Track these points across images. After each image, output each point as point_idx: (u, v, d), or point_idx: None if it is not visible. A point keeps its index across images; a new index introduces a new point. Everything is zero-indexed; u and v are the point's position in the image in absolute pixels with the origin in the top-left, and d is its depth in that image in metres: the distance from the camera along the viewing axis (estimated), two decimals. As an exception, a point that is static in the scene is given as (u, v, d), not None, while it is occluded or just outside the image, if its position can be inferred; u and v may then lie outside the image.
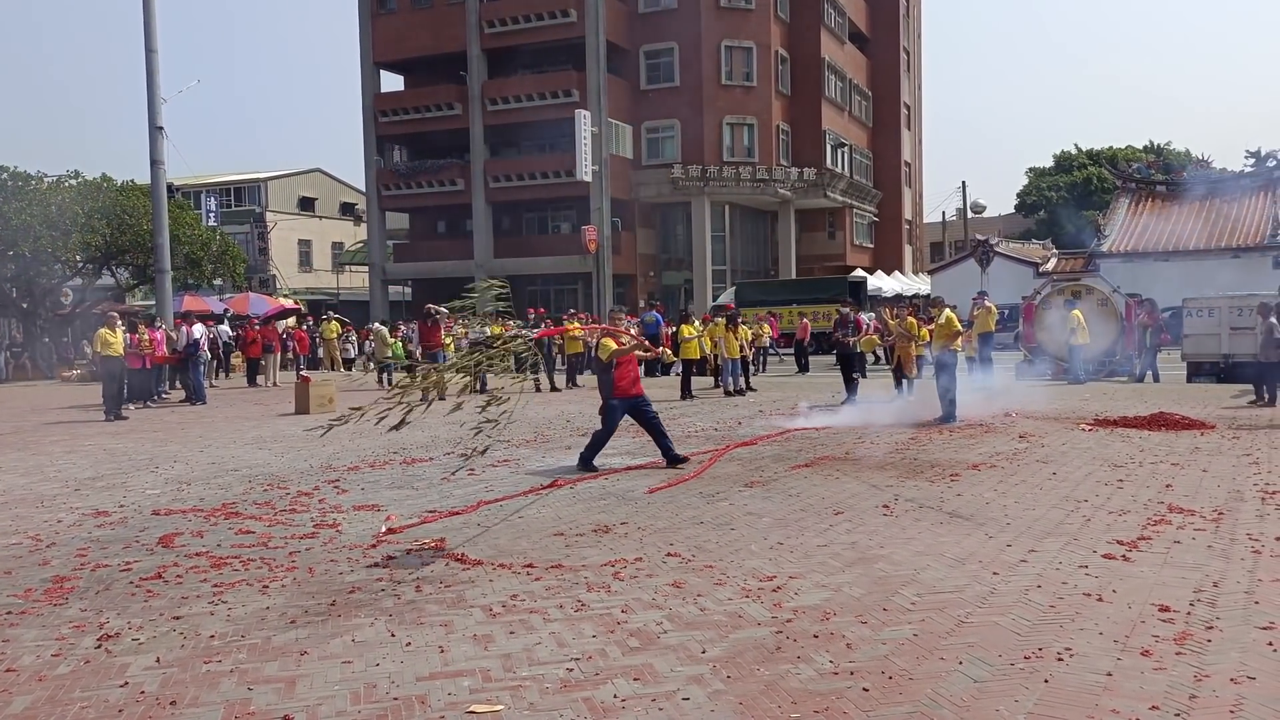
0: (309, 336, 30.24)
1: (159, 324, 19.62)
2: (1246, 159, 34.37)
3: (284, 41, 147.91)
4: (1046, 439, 10.68)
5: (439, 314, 18.64)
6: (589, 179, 37.90)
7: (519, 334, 8.21)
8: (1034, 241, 46.40)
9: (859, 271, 42.20)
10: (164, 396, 19.28)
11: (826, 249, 48.22)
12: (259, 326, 24.33)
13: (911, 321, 14.70)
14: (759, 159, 42.25)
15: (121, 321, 17.07)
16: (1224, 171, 35.09)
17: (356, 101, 45.32)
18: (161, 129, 22.63)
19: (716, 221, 42.23)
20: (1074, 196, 57.18)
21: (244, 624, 4.72)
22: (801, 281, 40.00)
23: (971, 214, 50.65)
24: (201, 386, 18.97)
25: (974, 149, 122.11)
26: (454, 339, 20.10)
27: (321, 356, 29.84)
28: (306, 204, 57.37)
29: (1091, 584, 5.06)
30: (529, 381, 7.74)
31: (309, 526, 6.93)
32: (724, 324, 18.02)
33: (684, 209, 42.32)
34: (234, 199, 54.98)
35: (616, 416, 9.27)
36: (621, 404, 9.22)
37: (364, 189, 47.39)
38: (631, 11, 42.25)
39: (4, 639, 4.60)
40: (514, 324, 11.43)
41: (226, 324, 27.75)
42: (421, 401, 6.62)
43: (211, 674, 4.07)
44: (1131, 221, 34.22)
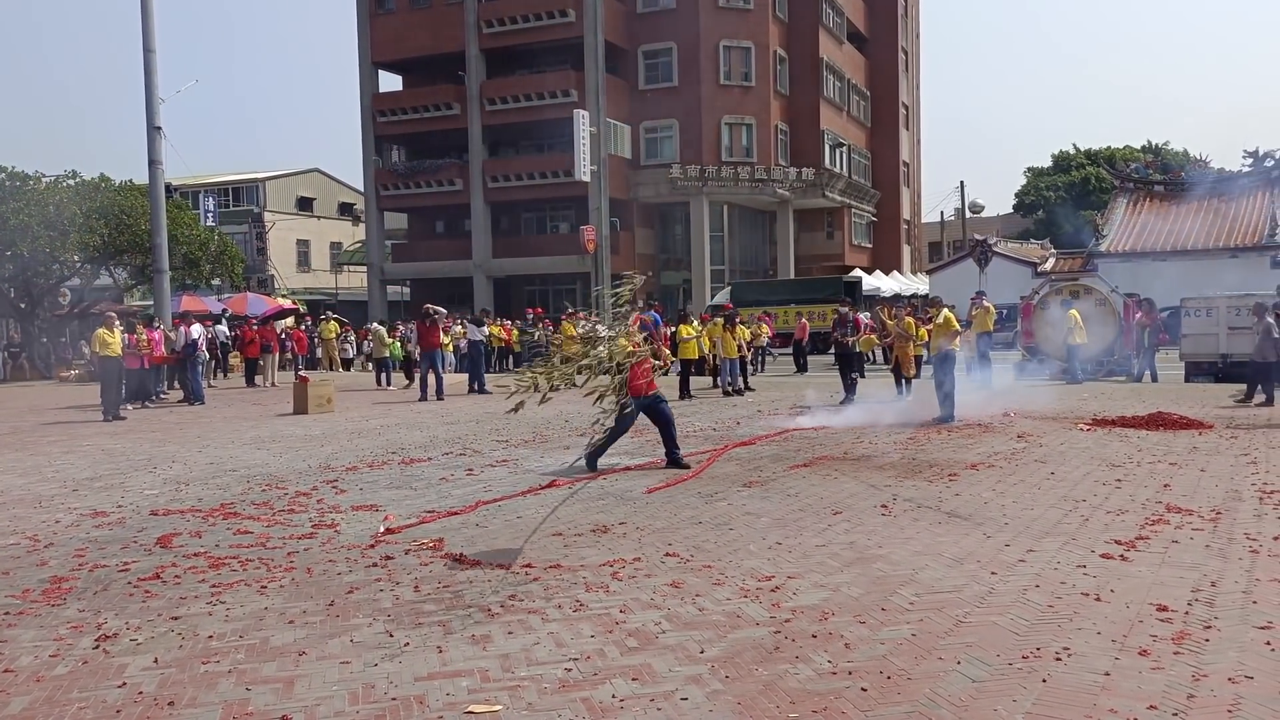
0: (307, 336, 30.25)
1: (157, 324, 19.61)
2: (1244, 159, 34.44)
3: (282, 41, 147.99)
4: (1045, 439, 10.68)
5: (437, 314, 18.64)
6: (587, 179, 37.81)
7: (635, 343, 8.92)
8: (1032, 241, 46.43)
9: (857, 271, 42.23)
10: (162, 397, 19.27)
11: (825, 249, 48.23)
12: (257, 327, 24.32)
13: (909, 321, 14.72)
14: (757, 159, 42.28)
15: (120, 322, 17.07)
16: (1222, 171, 35.11)
17: (355, 101, 45.31)
18: (159, 129, 22.61)
19: (715, 221, 42.23)
20: (1072, 196, 57.20)
21: (242, 624, 4.72)
22: (797, 281, 40.04)
23: (970, 214, 50.68)
24: (200, 387, 18.96)
25: (972, 149, 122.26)
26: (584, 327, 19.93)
27: (320, 356, 29.84)
28: (305, 204, 57.37)
29: (1089, 584, 5.07)
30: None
31: (307, 527, 6.93)
32: (722, 324, 18.02)
33: (682, 209, 42.33)
34: (232, 199, 54.98)
35: (632, 416, 9.24)
36: (637, 403, 9.21)
37: (362, 189, 47.42)
38: (630, 11, 42.26)
39: (2, 639, 4.59)
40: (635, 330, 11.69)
41: (225, 324, 27.72)
42: (550, 390, 7.42)
43: (210, 674, 4.07)
44: (1130, 221, 34.25)
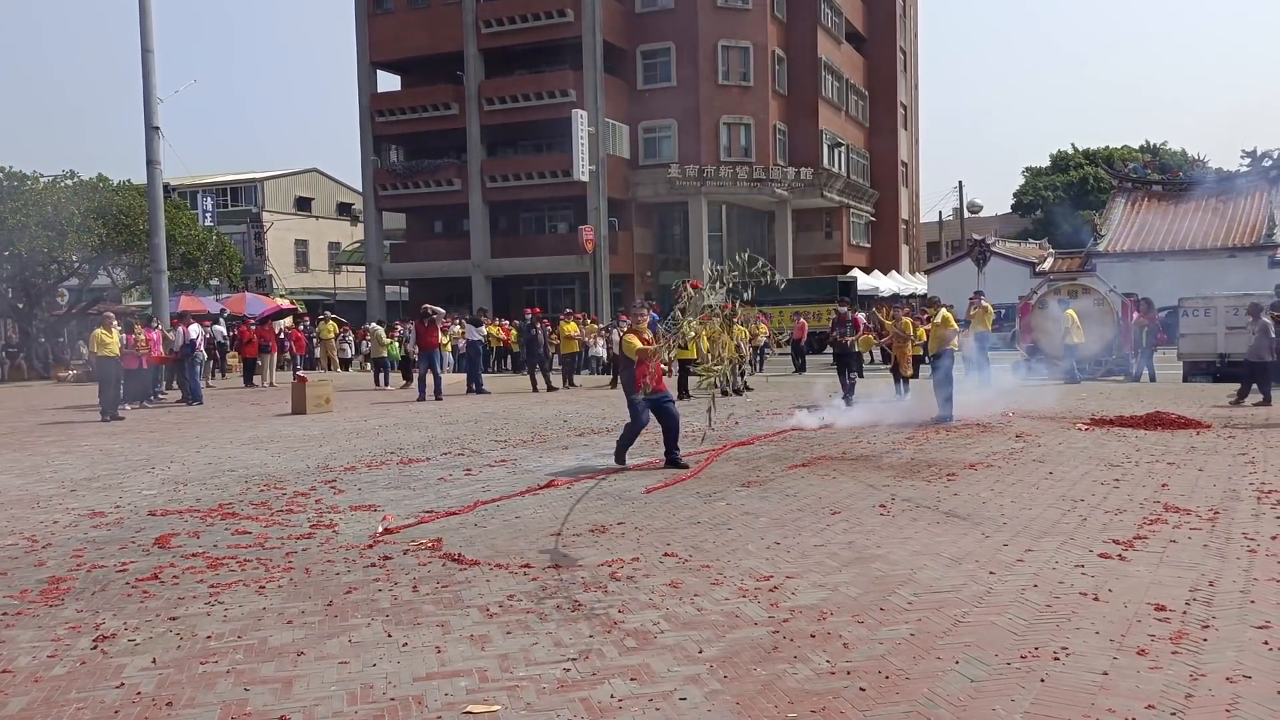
0: (306, 337, 30.23)
1: (155, 324, 19.61)
2: (1243, 158, 34.49)
3: (280, 41, 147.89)
4: (1043, 438, 10.69)
5: (436, 314, 18.65)
6: (586, 179, 37.94)
7: (646, 339, 9.29)
8: (1031, 241, 46.44)
9: (855, 271, 42.26)
10: (160, 397, 19.26)
11: (824, 249, 48.24)
12: (255, 327, 24.30)
13: (907, 322, 14.72)
14: (756, 159, 42.29)
15: (118, 322, 17.05)
16: (1220, 171, 35.15)
17: (353, 101, 45.32)
18: (158, 129, 22.60)
19: (713, 221, 42.22)
20: (1070, 196, 57.21)
21: (240, 624, 4.72)
22: (792, 281, 40.02)
23: (968, 214, 50.75)
24: (198, 387, 18.95)
25: (970, 149, 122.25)
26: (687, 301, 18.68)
27: (318, 356, 29.83)
28: (303, 204, 57.35)
29: (1088, 583, 5.07)
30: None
31: (306, 527, 6.93)
32: (718, 324, 17.97)
33: (681, 209, 42.33)
34: (230, 199, 54.95)
35: (640, 410, 9.35)
36: (645, 400, 9.31)
37: (361, 189, 47.41)
38: (628, 11, 42.26)
39: (0, 640, 4.59)
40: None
41: (222, 324, 27.71)
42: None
43: (208, 675, 4.07)
44: (1128, 221, 34.30)
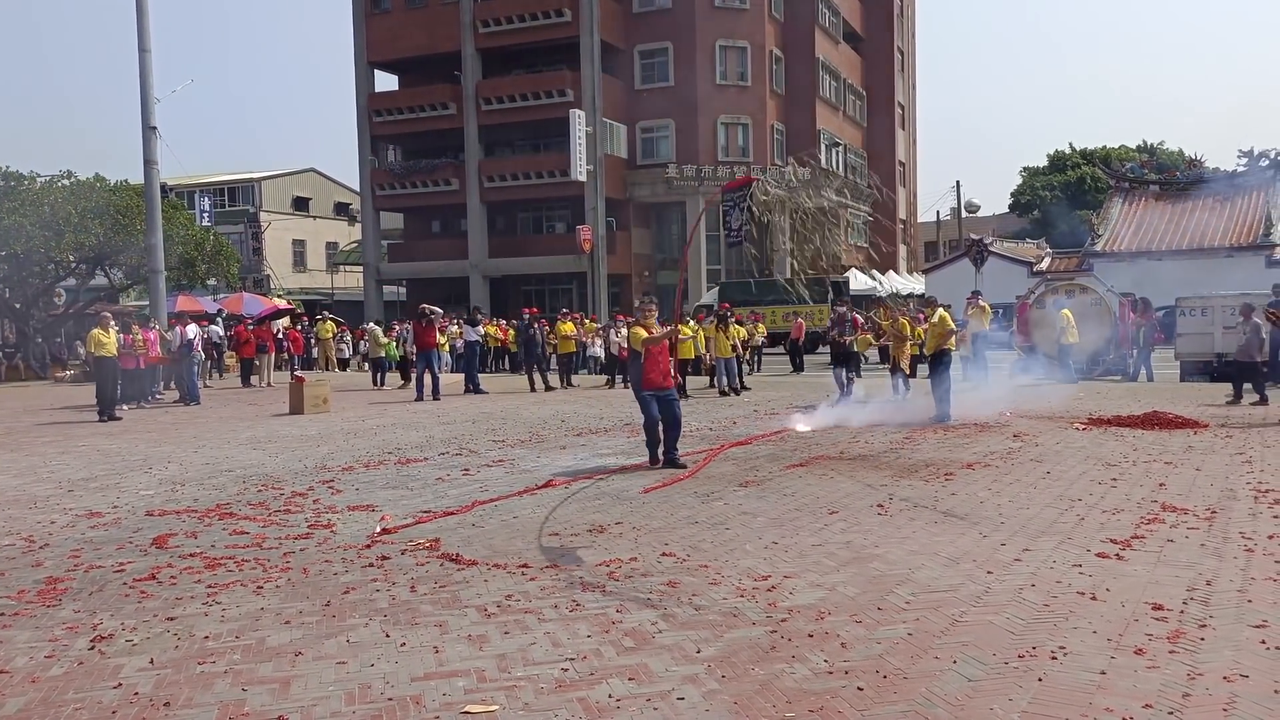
0: (303, 336, 30.20)
1: (153, 324, 19.57)
2: (1239, 158, 34.49)
3: (278, 41, 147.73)
4: (1040, 438, 10.70)
5: (433, 314, 18.64)
6: (584, 179, 37.93)
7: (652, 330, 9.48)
8: (1028, 241, 46.48)
9: (853, 271, 42.23)
10: (158, 397, 19.24)
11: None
12: (252, 327, 24.26)
13: (904, 322, 14.73)
14: (754, 158, 42.28)
15: (115, 322, 17.02)
16: (1217, 171, 35.17)
17: (351, 101, 45.30)
18: (155, 129, 22.55)
19: (712, 221, 42.17)
20: (1068, 196, 57.21)
21: (238, 625, 4.71)
22: (786, 281, 39.97)
23: (966, 213, 50.81)
24: (195, 387, 18.93)
25: (968, 148, 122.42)
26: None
27: (316, 356, 29.80)
28: (301, 204, 57.30)
29: (1085, 583, 5.07)
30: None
31: (303, 527, 6.92)
32: (715, 324, 18.03)
33: (679, 208, 42.34)
34: (228, 199, 54.91)
35: (649, 405, 9.29)
36: (652, 395, 9.26)
37: (358, 189, 47.40)
38: (626, 11, 42.26)
39: (-3, 640, 4.59)
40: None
41: (220, 324, 27.66)
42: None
43: (206, 675, 4.06)
44: (1125, 221, 34.32)
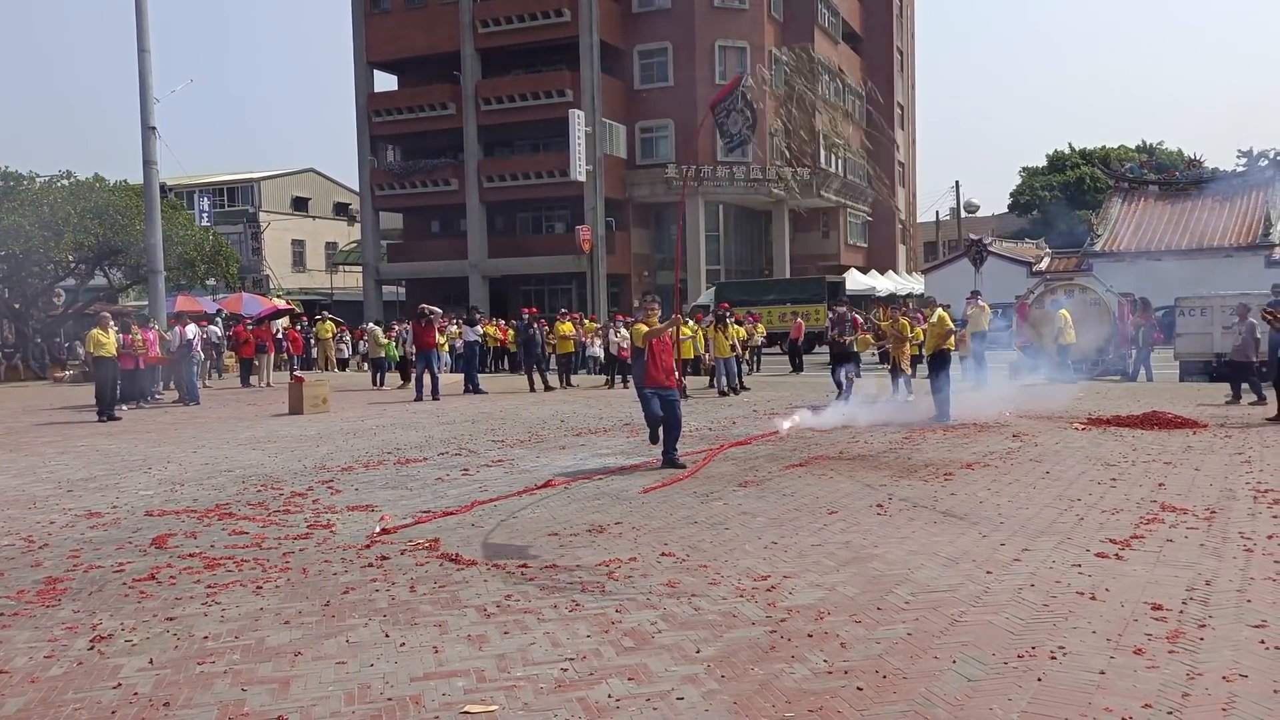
0: (303, 337, 30.19)
1: (152, 324, 19.56)
2: (1238, 158, 34.53)
3: (277, 41, 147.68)
4: (1040, 438, 10.70)
5: (433, 314, 18.64)
6: (583, 179, 37.94)
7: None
8: (1027, 241, 46.51)
9: (852, 271, 42.28)
10: (157, 397, 19.23)
11: (821, 249, 48.25)
12: (251, 327, 24.24)
13: (904, 322, 14.73)
14: (753, 159, 42.28)
15: (114, 322, 17.01)
16: (1216, 171, 35.18)
17: (350, 101, 45.31)
18: (154, 129, 22.52)
19: (711, 221, 42.25)
20: (1067, 196, 57.27)
21: (238, 625, 4.71)
22: (783, 281, 40.03)
23: (965, 213, 50.80)
24: (195, 387, 18.92)
25: (967, 148, 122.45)
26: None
27: (315, 357, 29.80)
28: (300, 204, 57.30)
29: (1085, 583, 5.07)
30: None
31: (303, 527, 6.92)
32: (714, 324, 18.04)
33: (678, 209, 42.27)
34: (227, 199, 54.91)
35: (650, 402, 9.27)
36: (653, 393, 9.24)
37: (358, 189, 47.39)
38: (625, 11, 42.26)
39: (-4, 641, 4.59)
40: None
41: (219, 324, 27.65)
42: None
43: (205, 675, 4.06)
44: (1124, 221, 34.33)
